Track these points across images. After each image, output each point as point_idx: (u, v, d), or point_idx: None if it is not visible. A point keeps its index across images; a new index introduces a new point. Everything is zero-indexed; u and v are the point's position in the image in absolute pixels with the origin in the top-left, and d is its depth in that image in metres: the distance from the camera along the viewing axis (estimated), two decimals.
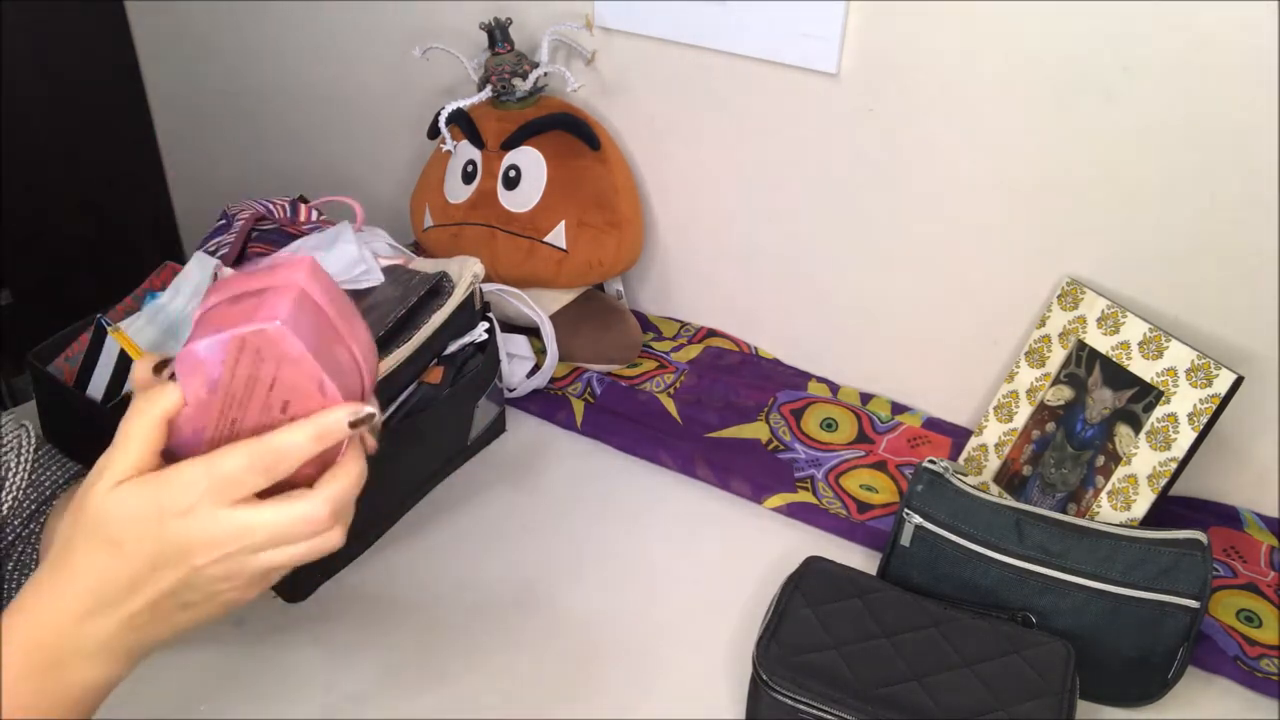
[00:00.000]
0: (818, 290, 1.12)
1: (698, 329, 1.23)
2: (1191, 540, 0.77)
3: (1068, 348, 0.94)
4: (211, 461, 0.49)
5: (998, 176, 0.96)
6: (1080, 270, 0.95)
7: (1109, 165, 0.90)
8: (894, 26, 0.95)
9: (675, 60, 1.09)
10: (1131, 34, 0.84)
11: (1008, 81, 0.91)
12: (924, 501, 0.82)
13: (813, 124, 1.04)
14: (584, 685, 0.80)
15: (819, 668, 0.72)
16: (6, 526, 0.72)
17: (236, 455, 0.49)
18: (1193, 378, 0.85)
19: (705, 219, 1.17)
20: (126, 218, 1.76)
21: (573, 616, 0.86)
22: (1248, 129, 0.82)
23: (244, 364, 0.49)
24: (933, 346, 1.07)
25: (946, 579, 0.82)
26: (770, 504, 0.97)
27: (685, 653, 0.83)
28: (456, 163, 1.14)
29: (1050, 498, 0.93)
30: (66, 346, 0.92)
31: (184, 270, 0.95)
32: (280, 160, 1.60)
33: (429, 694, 0.79)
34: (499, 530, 0.95)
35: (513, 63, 1.12)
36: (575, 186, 1.10)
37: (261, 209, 1.05)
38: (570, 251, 1.10)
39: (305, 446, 0.49)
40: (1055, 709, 0.69)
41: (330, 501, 0.50)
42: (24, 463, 0.73)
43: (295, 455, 0.49)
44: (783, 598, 0.78)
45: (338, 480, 0.51)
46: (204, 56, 1.58)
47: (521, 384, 1.09)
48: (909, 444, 1.05)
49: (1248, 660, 0.82)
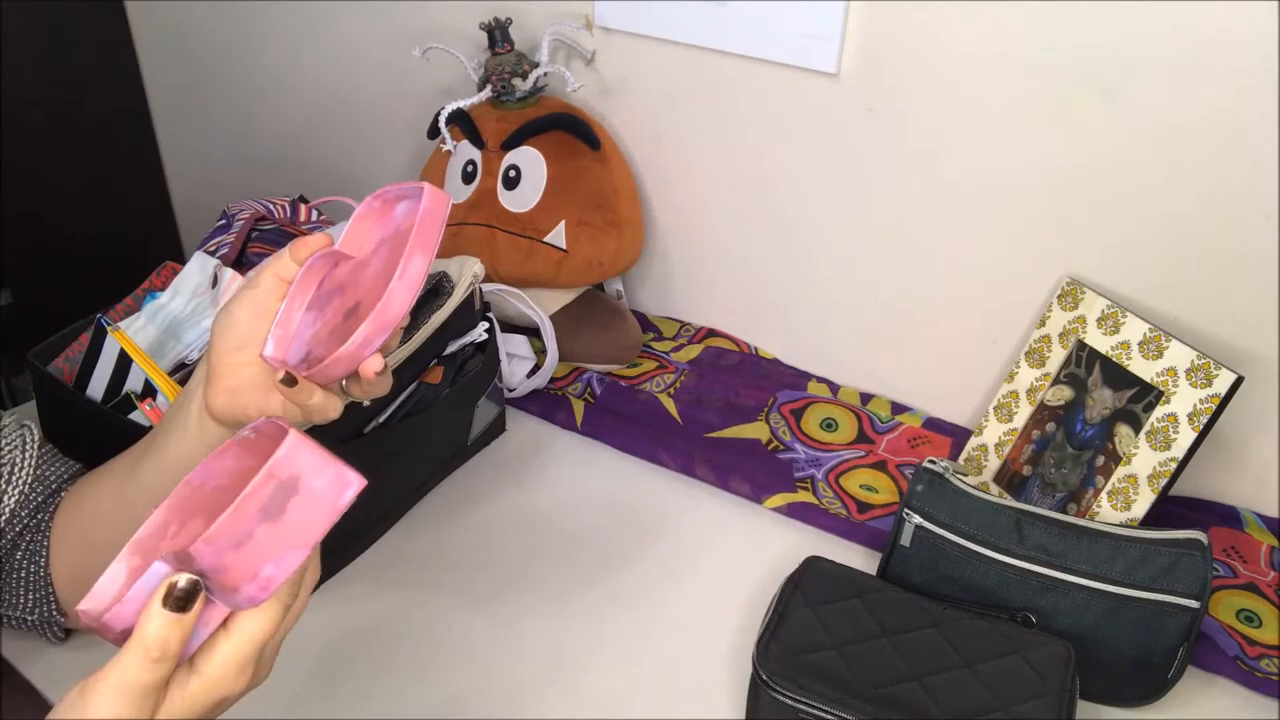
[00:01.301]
0: (818, 290, 1.12)
1: (698, 329, 1.23)
2: (1191, 540, 0.77)
3: (1068, 348, 0.94)
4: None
5: (997, 176, 0.96)
6: (1080, 270, 0.95)
7: (1109, 165, 0.90)
8: (894, 26, 0.95)
9: (675, 60, 1.09)
10: (1131, 34, 0.84)
11: (1008, 81, 0.91)
12: (924, 501, 0.82)
13: (813, 124, 1.04)
14: (583, 685, 0.80)
15: (819, 668, 0.72)
16: (14, 518, 0.73)
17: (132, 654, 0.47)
18: (1193, 378, 0.85)
19: (705, 219, 1.17)
20: (126, 218, 1.76)
21: (573, 616, 0.86)
22: (1248, 129, 0.82)
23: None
24: (933, 346, 1.07)
25: (946, 579, 0.82)
26: (770, 504, 0.97)
27: (685, 653, 0.83)
28: (456, 163, 1.14)
29: (1050, 498, 0.93)
30: (66, 346, 0.92)
31: (184, 270, 0.95)
32: (280, 160, 1.60)
33: (428, 693, 0.79)
34: (499, 530, 0.95)
35: (513, 63, 1.12)
36: (575, 186, 1.10)
37: (261, 209, 1.05)
38: (570, 251, 1.10)
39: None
40: (1055, 709, 0.69)
41: (227, 664, 0.48)
42: (29, 458, 0.74)
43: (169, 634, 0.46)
44: (782, 598, 0.78)
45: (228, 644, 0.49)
46: (204, 56, 1.58)
47: (521, 384, 1.09)
48: (909, 444, 1.05)
49: (1248, 660, 0.82)
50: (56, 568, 0.74)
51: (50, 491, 0.75)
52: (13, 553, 0.73)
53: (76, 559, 0.73)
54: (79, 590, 0.74)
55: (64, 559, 0.73)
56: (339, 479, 0.48)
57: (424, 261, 0.57)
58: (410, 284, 0.57)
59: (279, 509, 0.47)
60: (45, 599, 0.74)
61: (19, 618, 0.75)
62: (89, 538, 0.72)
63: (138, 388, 0.87)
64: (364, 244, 0.64)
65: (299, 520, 0.47)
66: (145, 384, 0.87)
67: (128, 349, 0.87)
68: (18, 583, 0.73)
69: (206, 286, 0.94)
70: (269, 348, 0.61)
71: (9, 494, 0.73)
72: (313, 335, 0.63)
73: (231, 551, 0.46)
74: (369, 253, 0.63)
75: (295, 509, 0.47)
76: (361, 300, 0.62)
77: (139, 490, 0.68)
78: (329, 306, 0.63)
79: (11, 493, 0.73)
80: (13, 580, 0.73)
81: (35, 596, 0.74)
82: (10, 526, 0.73)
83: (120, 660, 0.46)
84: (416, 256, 0.57)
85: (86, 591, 0.72)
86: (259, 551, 0.47)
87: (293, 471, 0.47)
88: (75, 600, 0.75)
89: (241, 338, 0.62)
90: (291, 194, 1.10)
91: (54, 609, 0.75)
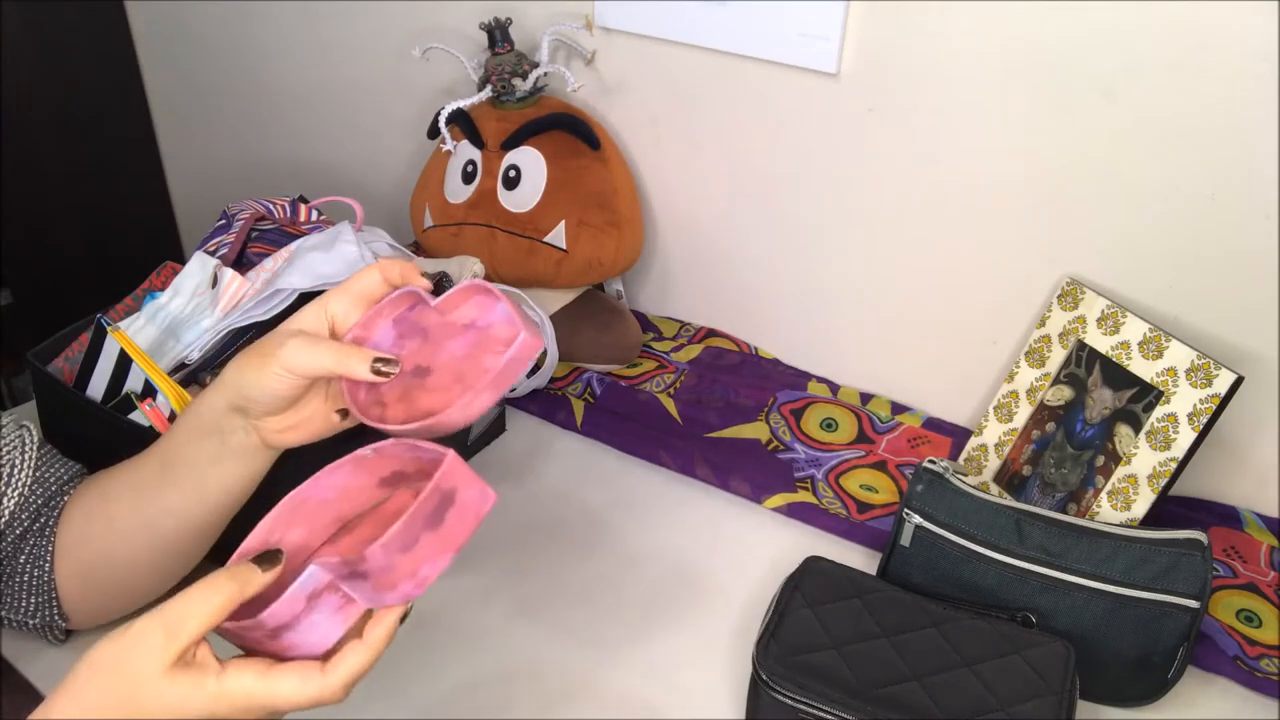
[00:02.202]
0: (818, 290, 1.12)
1: (698, 329, 1.23)
2: (1191, 540, 0.77)
3: (1068, 348, 0.94)
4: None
5: (997, 176, 0.96)
6: (1080, 270, 0.95)
7: (1109, 165, 0.90)
8: (894, 27, 0.95)
9: (675, 60, 1.09)
10: (1131, 34, 0.84)
11: (1008, 81, 0.91)
12: (924, 501, 0.82)
13: (813, 124, 1.04)
14: (583, 685, 0.80)
15: (819, 668, 0.72)
16: (14, 520, 0.73)
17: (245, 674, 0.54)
18: (1193, 378, 0.85)
19: (705, 219, 1.17)
20: (126, 218, 1.75)
21: (572, 616, 0.86)
22: (1247, 129, 0.82)
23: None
24: (933, 346, 1.07)
25: (946, 579, 0.82)
26: (770, 504, 0.97)
27: (685, 653, 0.83)
28: (456, 163, 1.14)
29: (1050, 498, 0.93)
30: (66, 346, 0.92)
31: (184, 270, 0.95)
32: (280, 160, 1.60)
33: (428, 693, 0.79)
34: (498, 530, 0.95)
35: (513, 63, 1.12)
36: (575, 186, 1.10)
37: (261, 209, 1.05)
38: (570, 251, 1.10)
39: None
40: (1055, 709, 0.69)
41: (347, 685, 0.56)
42: (28, 459, 0.74)
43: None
44: (782, 598, 0.78)
45: (358, 658, 0.56)
46: (204, 56, 1.58)
47: (521, 384, 1.09)
48: (909, 444, 1.05)
49: (1248, 660, 0.82)
50: (62, 574, 0.73)
51: (51, 494, 0.74)
52: (15, 556, 0.73)
53: (88, 571, 0.73)
54: (88, 601, 0.74)
55: (72, 568, 0.73)
56: (483, 492, 0.57)
57: (490, 400, 0.61)
58: (470, 416, 0.61)
59: (439, 518, 0.54)
60: (48, 603, 0.74)
61: (21, 621, 0.75)
62: (103, 552, 0.72)
63: (138, 388, 0.87)
64: (457, 313, 0.67)
65: (453, 527, 0.55)
66: (145, 384, 0.87)
67: (128, 349, 0.87)
68: (20, 586, 0.73)
69: (206, 286, 0.94)
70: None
71: (9, 496, 0.72)
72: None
73: (400, 554, 0.53)
74: (459, 326, 0.66)
75: (451, 518, 0.55)
76: (433, 371, 0.66)
77: (164, 514, 0.69)
78: (408, 341, 0.66)
79: (11, 495, 0.72)
80: (15, 584, 0.73)
81: (38, 600, 0.74)
82: (10, 529, 0.72)
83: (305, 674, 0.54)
84: (487, 395, 0.61)
85: (97, 602, 0.75)
86: (421, 555, 0.54)
87: (451, 485, 0.55)
88: (82, 608, 0.75)
89: (276, 405, 0.64)
90: (291, 194, 1.10)
91: (56, 613, 0.74)
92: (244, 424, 0.65)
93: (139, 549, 0.71)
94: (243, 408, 0.64)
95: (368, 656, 0.56)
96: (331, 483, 0.62)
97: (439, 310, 0.66)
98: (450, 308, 0.67)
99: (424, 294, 0.65)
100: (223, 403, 0.64)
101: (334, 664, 0.55)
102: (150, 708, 0.53)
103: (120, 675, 0.52)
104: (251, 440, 0.65)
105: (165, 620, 0.53)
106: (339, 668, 0.55)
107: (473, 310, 0.67)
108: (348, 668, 0.55)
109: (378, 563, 0.53)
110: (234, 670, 0.54)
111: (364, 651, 0.56)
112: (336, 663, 0.55)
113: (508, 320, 0.66)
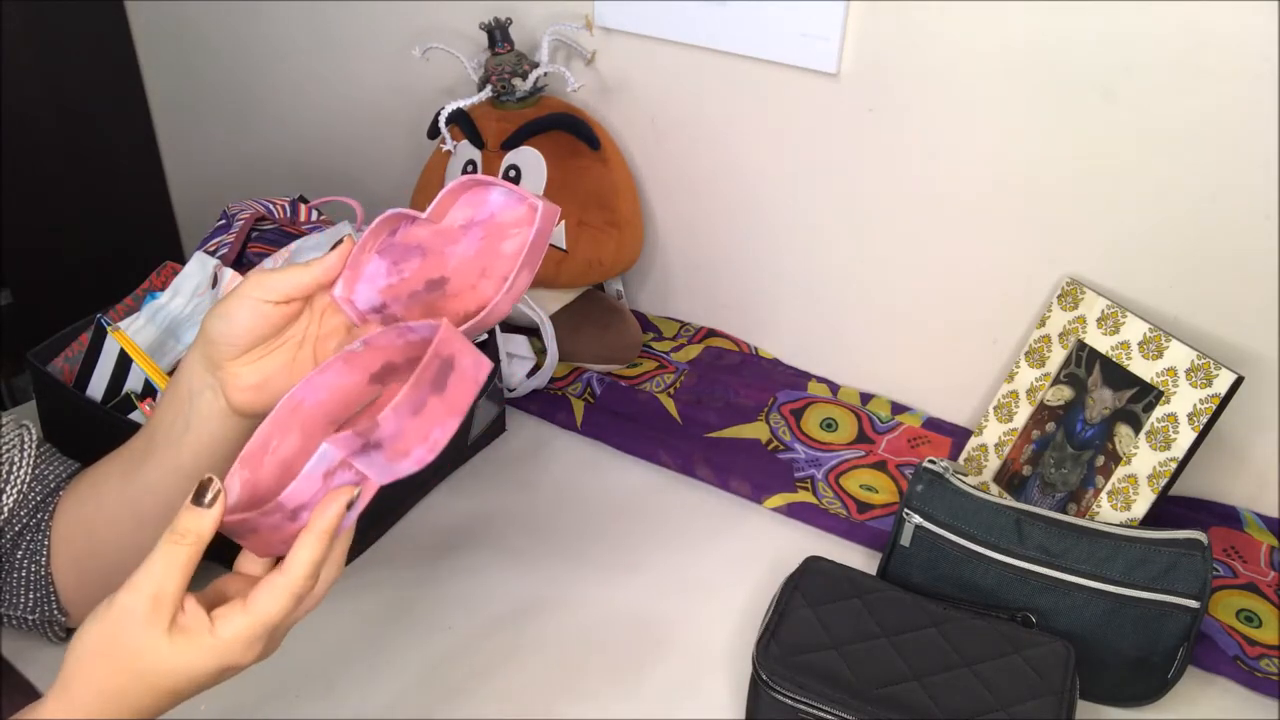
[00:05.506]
0: (817, 290, 1.12)
1: (698, 329, 1.23)
2: (1191, 540, 0.77)
3: (1068, 348, 0.94)
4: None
5: (997, 176, 0.96)
6: (1080, 270, 0.95)
7: (1109, 165, 0.90)
8: (894, 27, 0.95)
9: (675, 60, 1.09)
10: (1131, 34, 0.84)
11: (1008, 81, 0.91)
12: (924, 501, 0.82)
13: (812, 124, 1.04)
14: (584, 685, 0.80)
15: (819, 668, 0.72)
16: (13, 518, 0.73)
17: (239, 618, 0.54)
18: (1193, 378, 0.85)
19: (705, 219, 1.17)
20: (126, 218, 1.75)
21: (573, 616, 0.86)
22: (1247, 129, 0.82)
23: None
24: (933, 346, 1.07)
25: (946, 579, 0.82)
26: (770, 504, 0.97)
27: (685, 653, 0.83)
28: (456, 163, 1.14)
29: (1050, 498, 0.93)
30: (66, 346, 0.92)
31: (184, 270, 0.95)
32: (280, 160, 1.60)
33: (427, 692, 0.79)
34: (499, 530, 0.95)
35: (513, 63, 1.12)
36: (575, 186, 1.10)
37: (261, 209, 1.05)
38: (570, 251, 1.10)
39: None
40: (1055, 709, 0.69)
41: (310, 575, 0.55)
42: (27, 457, 0.74)
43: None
44: (782, 598, 0.78)
45: (308, 547, 0.55)
46: (204, 56, 1.58)
47: (521, 384, 1.09)
48: (909, 444, 1.05)
49: (1248, 660, 0.82)
50: (59, 567, 0.74)
51: (49, 491, 0.75)
52: (13, 552, 0.73)
53: (82, 559, 0.73)
54: (84, 591, 0.74)
55: (67, 559, 0.73)
56: (479, 360, 0.58)
57: (529, 278, 0.61)
58: (515, 297, 0.61)
59: (443, 383, 0.55)
60: (46, 598, 0.74)
61: (19, 617, 0.75)
62: (94, 538, 0.72)
63: (138, 388, 0.87)
64: (449, 216, 0.65)
65: (456, 391, 0.56)
66: (145, 384, 0.87)
67: (128, 349, 0.87)
68: (18, 583, 0.73)
69: (206, 286, 0.94)
70: (339, 289, 0.64)
71: (7, 493, 0.73)
72: (388, 287, 0.65)
73: (410, 418, 0.54)
74: (456, 228, 0.65)
75: (453, 383, 0.56)
76: (450, 278, 0.65)
77: (145, 491, 0.68)
78: (405, 263, 0.65)
79: (10, 492, 0.73)
80: (13, 580, 0.73)
81: (36, 596, 0.74)
82: (9, 526, 0.73)
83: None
84: (525, 273, 0.61)
85: (93, 592, 0.75)
86: (430, 418, 0.55)
87: (449, 351, 0.56)
88: (79, 600, 0.75)
89: (245, 339, 0.63)
90: (291, 194, 1.10)
91: (55, 609, 0.75)
92: (212, 383, 0.64)
93: (125, 532, 0.70)
94: (212, 357, 0.63)
95: (316, 540, 0.55)
96: (324, 382, 0.61)
97: (431, 220, 0.65)
98: (440, 215, 0.65)
99: (408, 211, 0.64)
100: (195, 358, 0.64)
101: (289, 559, 0.55)
102: (163, 674, 0.53)
103: (119, 654, 0.52)
104: (219, 404, 0.64)
105: (140, 589, 0.53)
106: (294, 560, 0.54)
107: (465, 209, 0.65)
108: (301, 559, 0.54)
109: (390, 428, 0.53)
110: (222, 617, 0.54)
111: (310, 537, 0.55)
112: (290, 557, 0.55)
113: (512, 201, 0.64)
